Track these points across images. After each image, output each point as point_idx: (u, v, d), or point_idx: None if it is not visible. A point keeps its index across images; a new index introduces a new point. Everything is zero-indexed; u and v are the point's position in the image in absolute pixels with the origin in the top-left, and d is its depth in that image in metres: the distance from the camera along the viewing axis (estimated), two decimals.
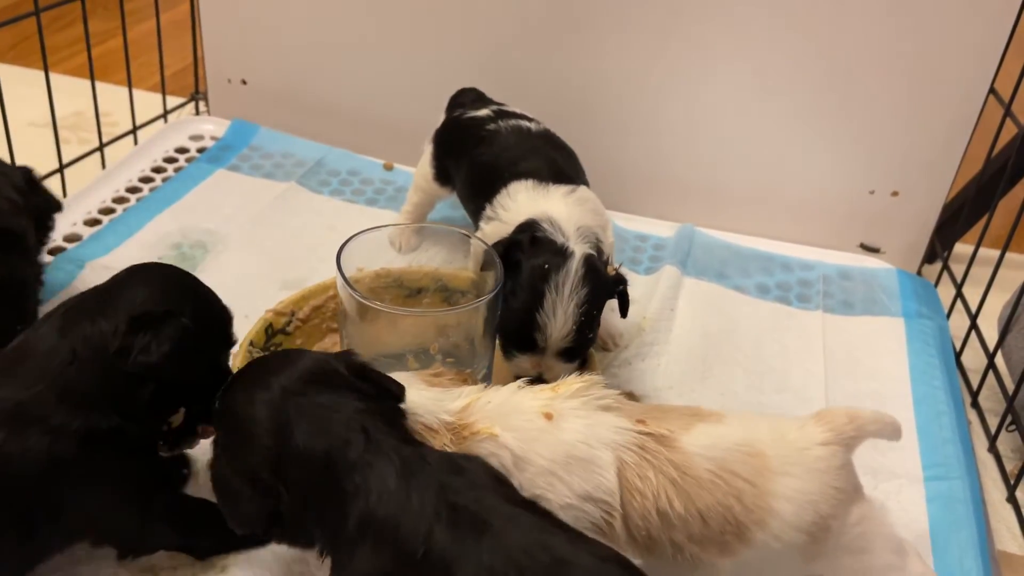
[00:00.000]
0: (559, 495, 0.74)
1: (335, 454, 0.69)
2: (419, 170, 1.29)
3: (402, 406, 0.76)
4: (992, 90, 1.30)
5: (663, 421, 0.79)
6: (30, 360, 0.78)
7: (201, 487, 0.90)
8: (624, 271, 1.03)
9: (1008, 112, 1.25)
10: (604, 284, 0.99)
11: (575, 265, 0.96)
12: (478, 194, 1.13)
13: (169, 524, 0.84)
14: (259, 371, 0.76)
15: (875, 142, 1.38)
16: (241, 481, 0.71)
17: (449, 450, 0.75)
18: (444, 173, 1.24)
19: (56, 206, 1.11)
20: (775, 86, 1.37)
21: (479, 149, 1.16)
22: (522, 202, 1.06)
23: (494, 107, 1.23)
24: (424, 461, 0.70)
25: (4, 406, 0.75)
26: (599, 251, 1.01)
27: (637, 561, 0.74)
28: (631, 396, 1.11)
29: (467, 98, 1.28)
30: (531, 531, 0.66)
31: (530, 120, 1.20)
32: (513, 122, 1.18)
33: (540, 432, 0.76)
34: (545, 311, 0.94)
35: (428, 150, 1.26)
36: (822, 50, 1.33)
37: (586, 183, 1.14)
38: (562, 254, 0.96)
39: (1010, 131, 1.29)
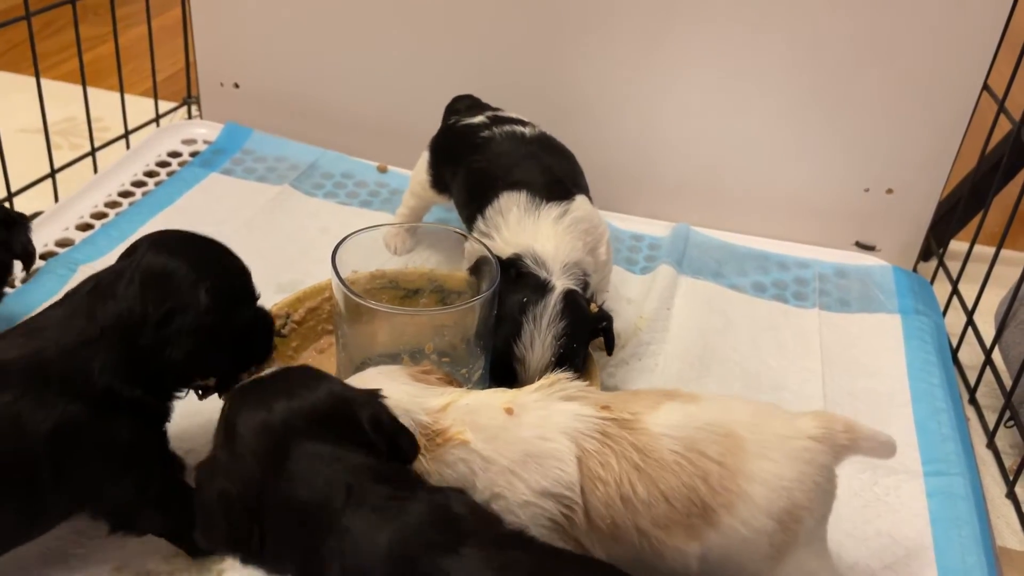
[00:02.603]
0: (516, 493, 0.74)
1: (315, 510, 0.66)
2: (415, 176, 1.28)
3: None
4: (986, 86, 1.30)
5: (630, 404, 0.78)
6: (56, 328, 0.79)
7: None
8: (614, 292, 1.02)
9: (1002, 108, 1.25)
10: (585, 319, 0.98)
11: (554, 299, 0.96)
12: (471, 200, 1.12)
13: (162, 507, 0.82)
14: (275, 389, 0.71)
15: (869, 139, 1.38)
16: (219, 502, 0.68)
17: (423, 456, 0.74)
18: (440, 181, 1.23)
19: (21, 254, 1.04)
20: (769, 85, 1.37)
21: (474, 156, 1.15)
22: (512, 224, 1.05)
23: (489, 113, 1.22)
24: (409, 515, 0.66)
25: (23, 363, 0.76)
26: (585, 286, 1.01)
27: (601, 553, 0.75)
28: None
29: (463, 105, 1.27)
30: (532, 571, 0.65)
31: (525, 125, 1.19)
32: (508, 128, 1.17)
33: (501, 429, 0.76)
34: (523, 342, 0.95)
35: (424, 157, 1.25)
36: (815, 48, 1.33)
37: (584, 188, 1.13)
38: (542, 288, 0.97)
39: (1004, 127, 1.29)
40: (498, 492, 0.74)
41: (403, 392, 0.78)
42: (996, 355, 1.20)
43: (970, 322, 1.26)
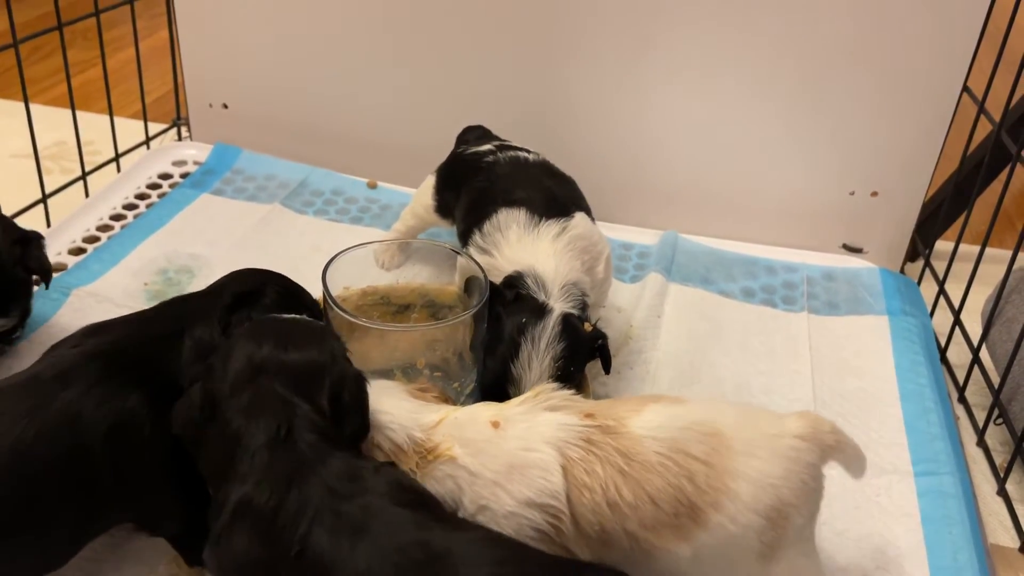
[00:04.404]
0: (502, 504, 0.75)
1: (245, 434, 0.73)
2: (419, 199, 1.29)
3: (380, 417, 0.78)
4: (965, 88, 1.31)
5: (614, 409, 0.79)
6: (139, 323, 0.86)
7: None
8: (601, 326, 1.02)
9: (982, 109, 1.27)
10: (581, 343, 0.98)
11: (552, 321, 0.96)
12: (468, 215, 1.14)
13: (185, 512, 0.83)
14: (275, 332, 0.79)
15: (853, 143, 1.39)
16: (197, 393, 0.76)
17: (415, 473, 0.76)
18: (445, 206, 1.24)
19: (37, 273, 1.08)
20: (752, 92, 1.38)
21: (476, 178, 1.16)
22: (512, 242, 1.05)
23: (496, 142, 1.23)
24: (322, 463, 0.72)
25: (97, 354, 0.80)
26: (584, 305, 1.02)
27: (590, 559, 0.75)
28: None
29: (472, 135, 1.28)
30: (408, 530, 0.68)
31: (529, 152, 1.21)
32: (511, 154, 1.19)
33: (487, 443, 0.77)
34: (520, 363, 0.94)
35: (430, 181, 1.26)
36: (797, 56, 1.34)
37: (584, 208, 1.14)
38: (540, 311, 0.97)
39: (985, 128, 1.30)
40: (484, 504, 0.75)
41: (400, 408, 0.79)
42: (984, 353, 1.21)
43: (957, 321, 1.27)
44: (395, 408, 0.79)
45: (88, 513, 0.78)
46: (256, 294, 0.90)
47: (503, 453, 0.76)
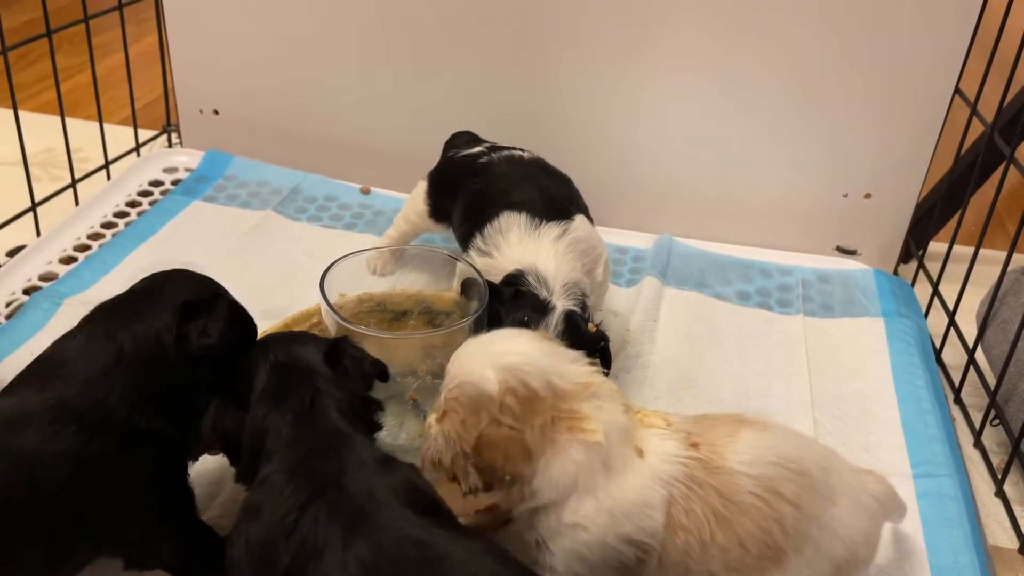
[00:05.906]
0: (602, 531, 0.72)
1: (272, 417, 0.75)
2: (411, 205, 1.28)
3: (509, 359, 0.74)
4: (957, 90, 1.32)
5: (710, 433, 0.77)
6: (70, 365, 0.78)
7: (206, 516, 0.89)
8: (604, 326, 1.02)
9: (974, 111, 1.27)
10: (584, 340, 0.98)
11: (555, 319, 0.95)
12: (468, 219, 1.13)
13: (177, 542, 0.82)
14: (296, 340, 0.84)
15: (846, 146, 1.40)
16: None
17: (546, 428, 0.72)
18: (439, 211, 1.24)
19: None
20: (745, 95, 1.38)
21: (472, 179, 1.16)
22: (513, 243, 1.05)
23: (487, 144, 1.23)
24: (343, 442, 0.73)
25: (45, 406, 0.75)
26: (584, 306, 1.01)
27: None
28: None
29: (461, 140, 1.28)
30: (411, 528, 0.67)
31: (523, 151, 1.21)
32: (505, 152, 1.19)
33: (624, 468, 0.73)
34: None
35: (422, 187, 1.26)
36: (789, 58, 1.35)
37: (583, 208, 1.14)
38: (543, 309, 0.96)
39: (977, 129, 1.31)
40: (582, 524, 0.72)
41: (537, 350, 0.75)
42: (979, 354, 1.21)
43: (952, 323, 1.27)
44: (529, 348, 0.74)
45: (57, 558, 0.75)
46: (207, 303, 0.83)
47: (631, 488, 0.73)
